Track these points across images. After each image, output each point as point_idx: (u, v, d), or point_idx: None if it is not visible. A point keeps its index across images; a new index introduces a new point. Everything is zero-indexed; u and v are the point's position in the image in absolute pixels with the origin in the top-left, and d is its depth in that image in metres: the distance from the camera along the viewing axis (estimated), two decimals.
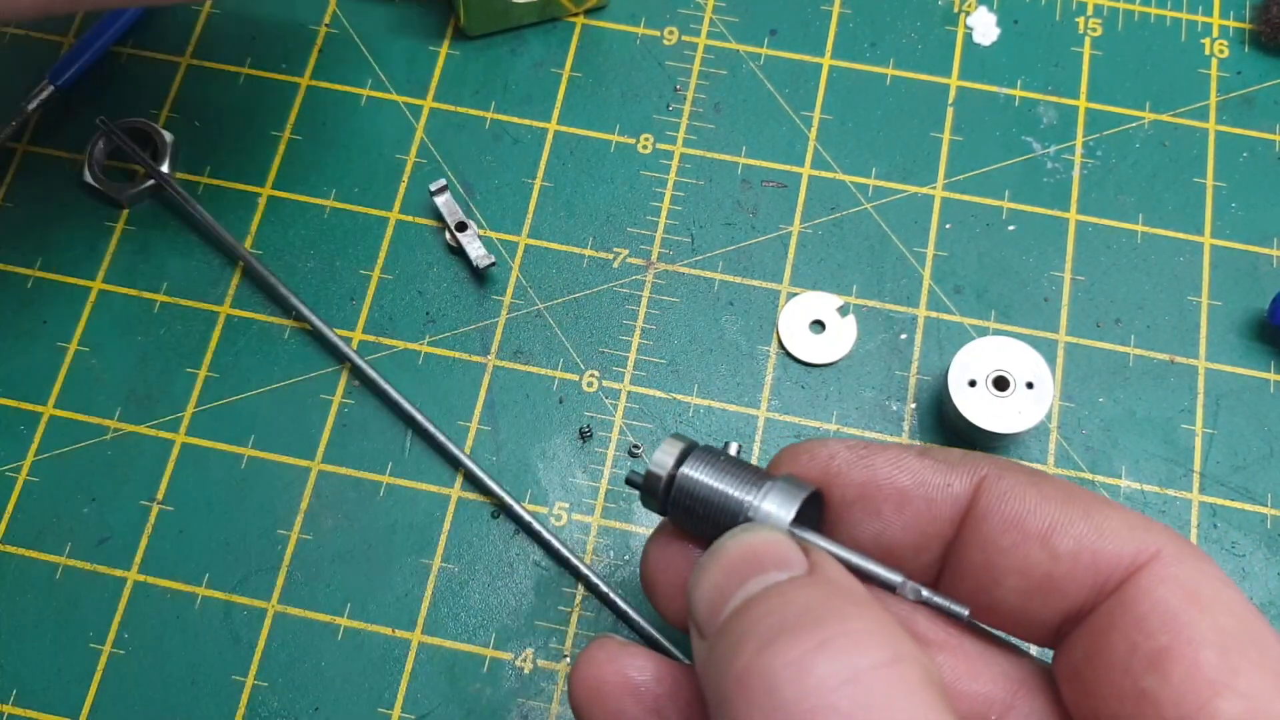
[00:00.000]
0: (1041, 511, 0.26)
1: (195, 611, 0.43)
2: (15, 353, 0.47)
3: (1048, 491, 0.26)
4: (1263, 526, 0.44)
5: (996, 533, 0.26)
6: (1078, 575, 0.25)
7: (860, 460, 0.28)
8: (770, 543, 0.25)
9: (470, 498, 0.45)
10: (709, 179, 0.50)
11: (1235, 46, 0.52)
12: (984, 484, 0.27)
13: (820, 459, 0.29)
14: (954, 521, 0.27)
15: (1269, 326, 0.46)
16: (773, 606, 0.23)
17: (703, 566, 0.26)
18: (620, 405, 0.46)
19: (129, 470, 0.45)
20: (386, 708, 0.42)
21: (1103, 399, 0.46)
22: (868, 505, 0.28)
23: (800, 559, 0.25)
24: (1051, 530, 0.26)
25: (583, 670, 0.29)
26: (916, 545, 0.28)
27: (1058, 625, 0.26)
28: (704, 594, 0.25)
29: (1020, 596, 0.26)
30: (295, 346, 0.47)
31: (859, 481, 0.28)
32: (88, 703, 0.42)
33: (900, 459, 0.28)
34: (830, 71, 0.52)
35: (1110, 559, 0.25)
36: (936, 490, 0.27)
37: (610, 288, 0.48)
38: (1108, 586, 0.25)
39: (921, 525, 0.28)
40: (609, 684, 0.28)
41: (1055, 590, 0.26)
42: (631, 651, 0.29)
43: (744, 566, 0.25)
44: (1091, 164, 0.50)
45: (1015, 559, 0.26)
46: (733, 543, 0.26)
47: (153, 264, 0.48)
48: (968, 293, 0.48)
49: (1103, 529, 0.25)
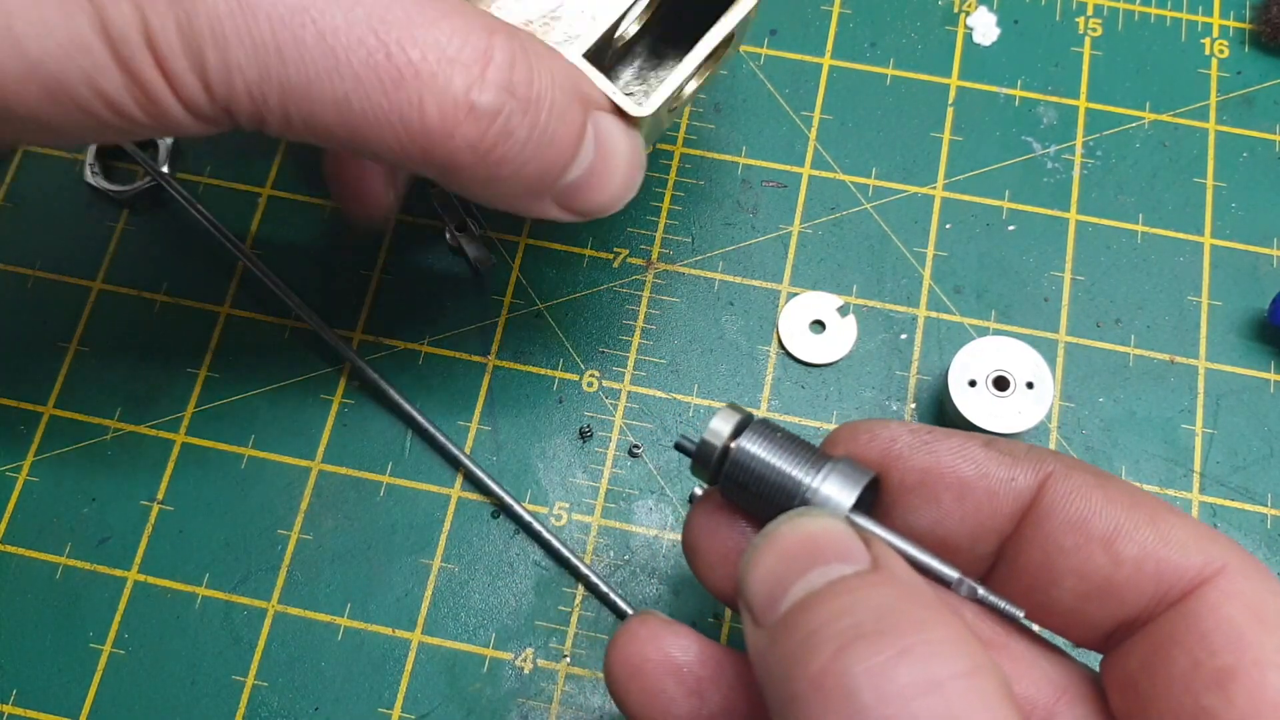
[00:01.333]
0: (1107, 514, 0.25)
1: (195, 611, 0.43)
2: (15, 353, 0.47)
3: (1113, 494, 0.26)
4: (1263, 526, 0.44)
5: (1059, 532, 0.26)
6: (1139, 583, 0.25)
7: (924, 446, 0.28)
8: (830, 532, 0.25)
9: (470, 498, 0.45)
10: (709, 179, 0.50)
11: (1235, 46, 0.52)
12: (1049, 481, 0.26)
13: (881, 440, 0.28)
14: (1014, 517, 0.27)
15: (1269, 326, 0.46)
16: (844, 606, 0.22)
17: (757, 549, 0.25)
18: (620, 405, 0.46)
19: (129, 470, 0.45)
20: (386, 707, 0.42)
21: (1103, 399, 0.46)
22: (927, 492, 0.27)
23: (862, 552, 0.24)
24: (1116, 534, 0.25)
25: (623, 646, 0.28)
26: (973, 537, 0.27)
27: (1110, 631, 0.26)
28: (760, 579, 0.24)
29: (1076, 599, 0.26)
30: (295, 346, 0.47)
31: (920, 467, 0.27)
32: (88, 703, 0.42)
33: (965, 448, 0.27)
34: (830, 71, 0.52)
35: (1174, 569, 0.25)
36: (1000, 483, 0.27)
37: (610, 288, 0.48)
38: (1169, 597, 0.25)
39: (981, 518, 0.27)
40: (651, 662, 0.28)
41: (1114, 596, 0.25)
42: (675, 630, 0.28)
43: (803, 556, 0.24)
44: (1091, 164, 0.50)
45: (1076, 561, 0.26)
46: (789, 528, 0.25)
47: (153, 264, 0.48)
48: (968, 293, 0.48)
49: (1169, 538, 0.25)
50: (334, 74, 0.28)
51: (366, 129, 0.29)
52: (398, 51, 0.28)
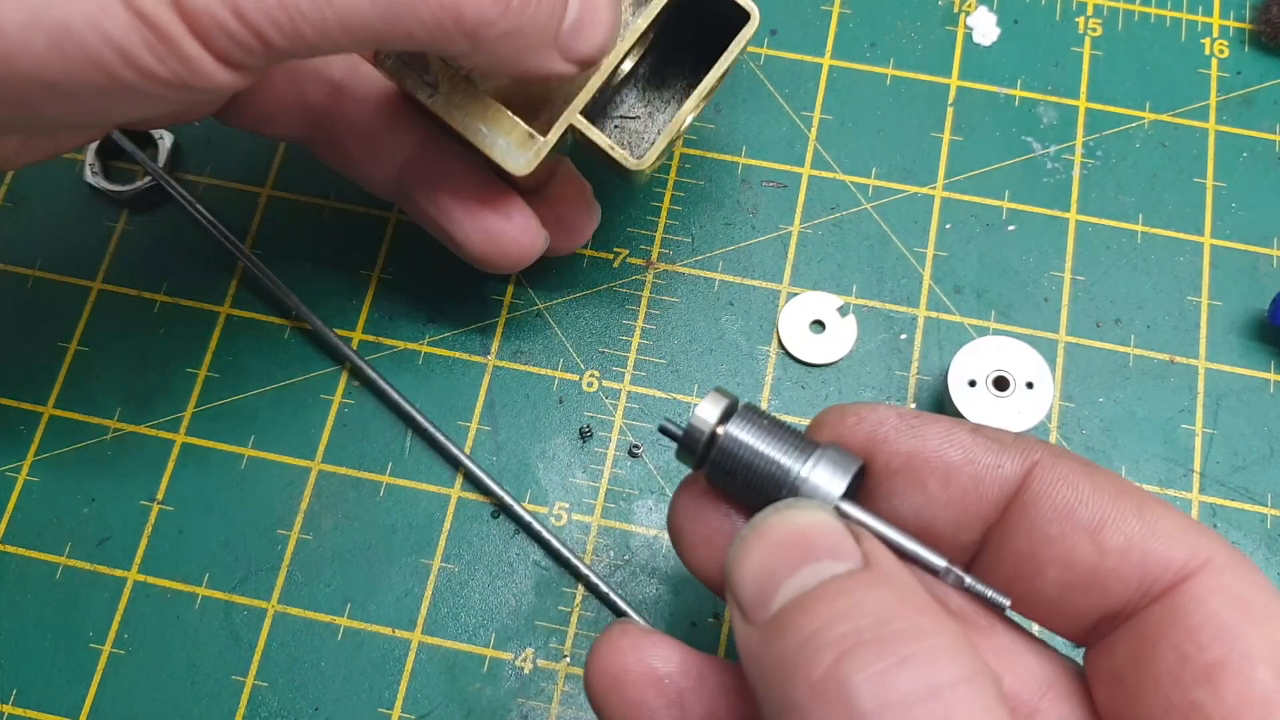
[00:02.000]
0: (1094, 504, 0.25)
1: (195, 611, 0.43)
2: (15, 353, 0.47)
3: (1100, 483, 0.26)
4: (1263, 527, 0.44)
5: (1044, 521, 0.26)
6: (1124, 574, 0.25)
7: (910, 429, 0.27)
8: (820, 527, 0.24)
9: (470, 498, 0.45)
10: (709, 179, 0.50)
11: (1235, 46, 0.52)
12: (1036, 469, 0.26)
13: (868, 423, 0.28)
14: (1000, 504, 0.27)
15: (1269, 326, 0.46)
16: (841, 610, 0.22)
17: (745, 541, 0.25)
18: (620, 405, 0.46)
19: (129, 470, 0.45)
20: (386, 708, 0.42)
21: (1103, 399, 0.46)
22: (912, 477, 0.27)
23: (853, 549, 0.24)
24: (1102, 524, 0.25)
25: (603, 657, 0.28)
26: (958, 523, 0.27)
27: (1094, 622, 0.26)
28: (749, 574, 0.24)
29: (1061, 589, 0.26)
30: (295, 346, 0.47)
31: (906, 451, 0.27)
32: (87, 703, 0.42)
33: (951, 433, 0.27)
34: (830, 71, 0.52)
35: (1160, 561, 0.24)
36: (986, 470, 0.27)
37: (610, 288, 0.48)
38: (1155, 589, 0.24)
39: (966, 504, 0.27)
40: (631, 673, 0.27)
41: (1098, 586, 0.25)
42: (655, 640, 0.28)
43: (794, 551, 0.24)
44: (1091, 164, 0.50)
45: (1061, 550, 0.25)
46: (778, 520, 0.25)
47: (153, 264, 0.48)
48: (968, 293, 0.48)
49: (1155, 529, 0.25)
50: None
51: (404, 9, 0.29)
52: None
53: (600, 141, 0.38)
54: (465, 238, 0.40)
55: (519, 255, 0.41)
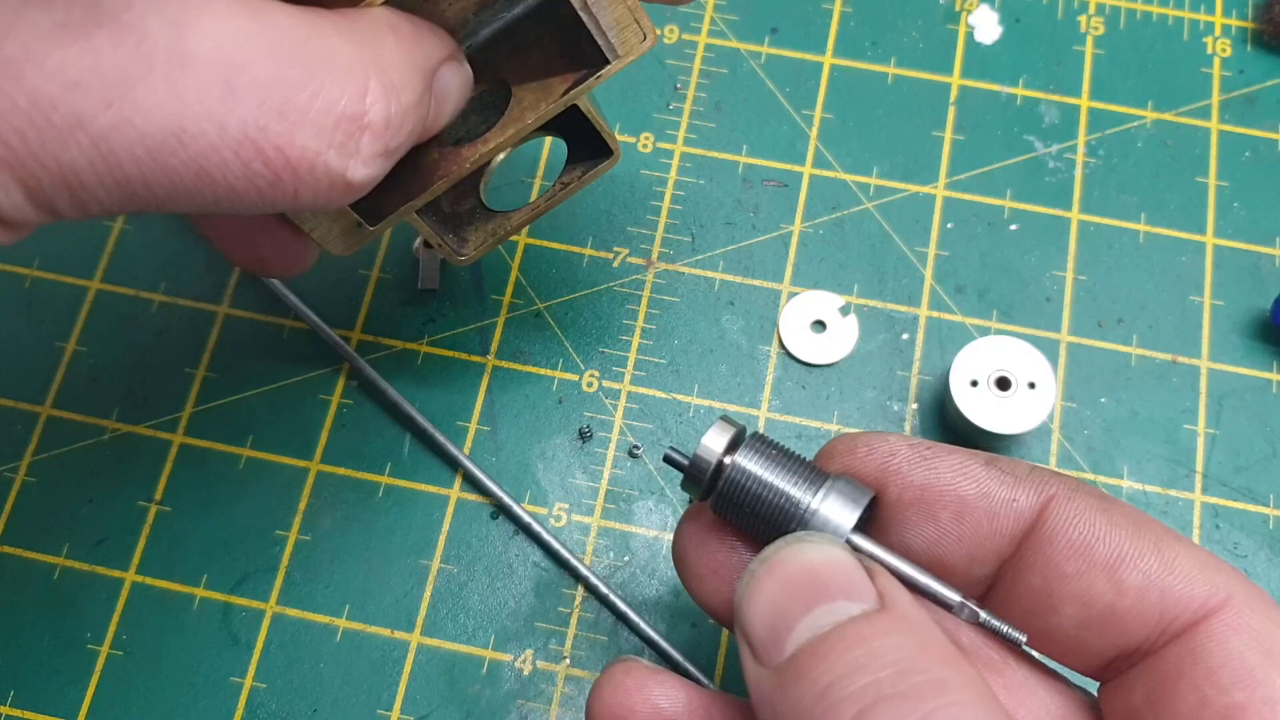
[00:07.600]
0: (1111, 540, 0.25)
1: (193, 612, 0.43)
2: (14, 353, 0.47)
3: (1117, 519, 0.25)
4: (1265, 527, 0.44)
5: (1061, 558, 0.25)
6: (1142, 612, 0.24)
7: (923, 461, 0.27)
8: (834, 563, 0.24)
9: (470, 498, 0.45)
10: (710, 178, 0.50)
11: (1238, 45, 0.52)
12: (1052, 504, 0.26)
13: (879, 454, 0.27)
14: (1015, 539, 0.26)
15: (1271, 326, 0.46)
16: (859, 660, 0.22)
17: (756, 577, 0.24)
18: (620, 405, 0.46)
19: (127, 470, 0.45)
20: (385, 709, 0.42)
21: (1105, 399, 0.46)
22: (925, 509, 0.27)
23: (868, 587, 0.23)
24: (1120, 561, 0.25)
25: (607, 696, 0.27)
26: (970, 557, 0.27)
27: (1111, 659, 0.25)
28: (760, 613, 0.24)
29: (1076, 626, 0.25)
30: (294, 346, 0.47)
31: (918, 484, 0.27)
32: (85, 703, 0.42)
33: (965, 465, 0.27)
34: (831, 70, 0.52)
35: (1179, 599, 0.24)
36: (1000, 504, 0.26)
37: (610, 287, 0.48)
38: (1173, 628, 0.24)
39: (980, 538, 0.26)
40: (637, 714, 0.27)
41: (1115, 624, 0.25)
42: (660, 679, 0.27)
43: (807, 589, 0.23)
44: (1093, 163, 0.50)
45: (1078, 587, 0.25)
46: (789, 555, 0.24)
47: (151, 264, 0.48)
48: (969, 292, 0.48)
49: (1174, 566, 0.24)
50: (204, 184, 0.25)
51: (228, 208, 0.26)
52: (275, 155, 0.26)
53: (430, 239, 0.38)
54: (228, 255, 0.37)
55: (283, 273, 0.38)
